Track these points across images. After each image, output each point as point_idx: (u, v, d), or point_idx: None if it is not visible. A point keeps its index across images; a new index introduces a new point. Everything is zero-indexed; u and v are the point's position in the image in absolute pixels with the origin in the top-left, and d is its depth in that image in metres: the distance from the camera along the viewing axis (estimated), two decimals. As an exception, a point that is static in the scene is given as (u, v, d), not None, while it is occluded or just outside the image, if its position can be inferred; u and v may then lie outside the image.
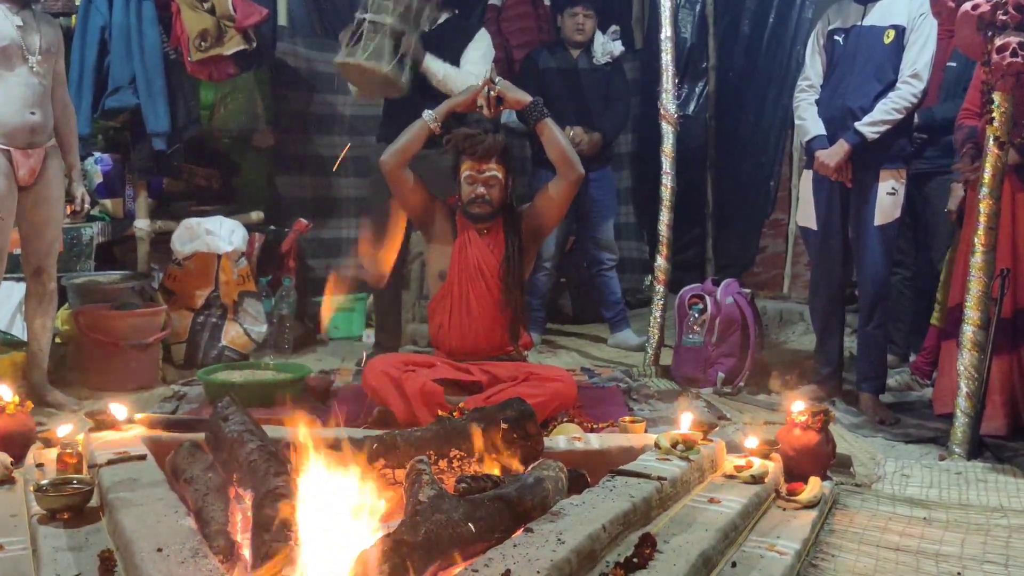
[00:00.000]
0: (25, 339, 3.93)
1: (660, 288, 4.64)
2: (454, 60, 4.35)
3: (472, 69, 4.31)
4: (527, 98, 3.61)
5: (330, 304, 5.41)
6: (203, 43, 4.48)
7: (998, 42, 3.14)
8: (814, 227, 4.00)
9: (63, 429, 2.82)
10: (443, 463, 2.47)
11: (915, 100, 3.72)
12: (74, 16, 4.59)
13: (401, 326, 4.94)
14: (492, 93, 3.61)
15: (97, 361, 4.19)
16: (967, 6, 3.21)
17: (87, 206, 3.93)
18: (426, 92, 4.21)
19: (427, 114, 3.61)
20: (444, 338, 3.68)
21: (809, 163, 3.95)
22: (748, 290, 4.55)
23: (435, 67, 4.29)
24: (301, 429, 2.27)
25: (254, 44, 4.61)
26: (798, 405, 2.89)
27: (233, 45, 4.52)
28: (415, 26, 4.21)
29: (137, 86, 4.48)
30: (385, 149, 3.65)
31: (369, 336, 5.31)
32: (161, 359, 4.43)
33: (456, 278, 3.65)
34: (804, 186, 4.06)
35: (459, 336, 3.65)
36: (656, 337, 4.64)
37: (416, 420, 3.21)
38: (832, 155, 3.78)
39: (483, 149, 3.55)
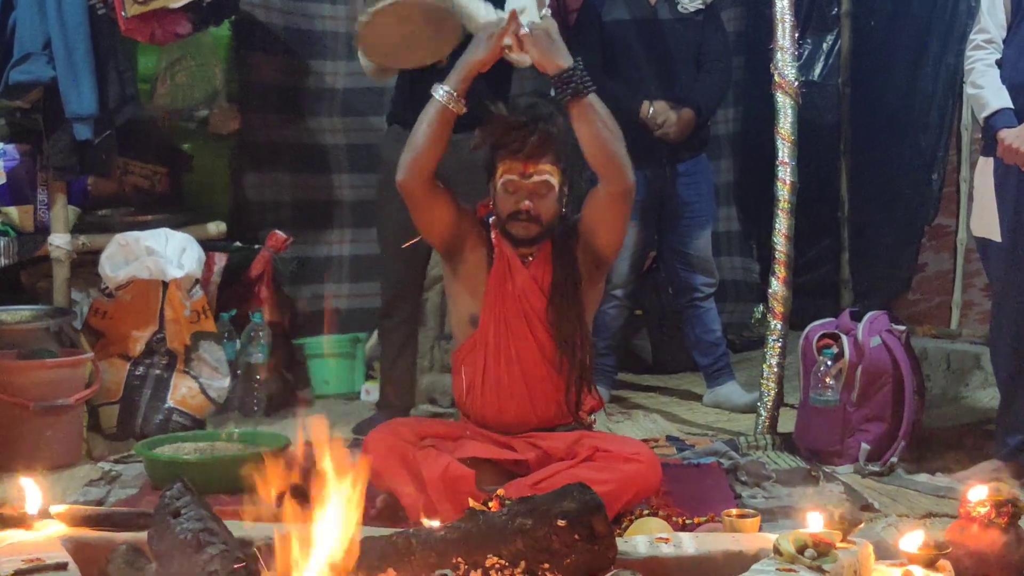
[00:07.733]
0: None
1: (777, 324, 4.61)
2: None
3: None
4: (564, 62, 3.41)
5: None
6: (142, -9, 4.55)
7: None
8: (997, 238, 3.96)
9: None
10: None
11: None
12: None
13: (414, 377, 4.96)
14: (519, 33, 3.43)
15: (-1, 429, 4.24)
16: None
17: None
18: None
19: (439, 90, 3.45)
20: (475, 404, 3.65)
21: (989, 148, 3.93)
22: (902, 326, 4.51)
23: None
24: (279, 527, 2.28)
25: (211, -8, 4.68)
26: (976, 491, 2.87)
27: (183, -7, 4.59)
28: None
29: (53, 53, 4.55)
30: (400, 147, 3.56)
31: (371, 392, 5.33)
32: (86, 426, 4.48)
33: (492, 322, 3.59)
34: (982, 180, 4.04)
35: (495, 404, 3.60)
36: (772, 393, 4.61)
37: (436, 514, 3.21)
38: (1022, 136, 3.76)
39: (530, 144, 3.41)
